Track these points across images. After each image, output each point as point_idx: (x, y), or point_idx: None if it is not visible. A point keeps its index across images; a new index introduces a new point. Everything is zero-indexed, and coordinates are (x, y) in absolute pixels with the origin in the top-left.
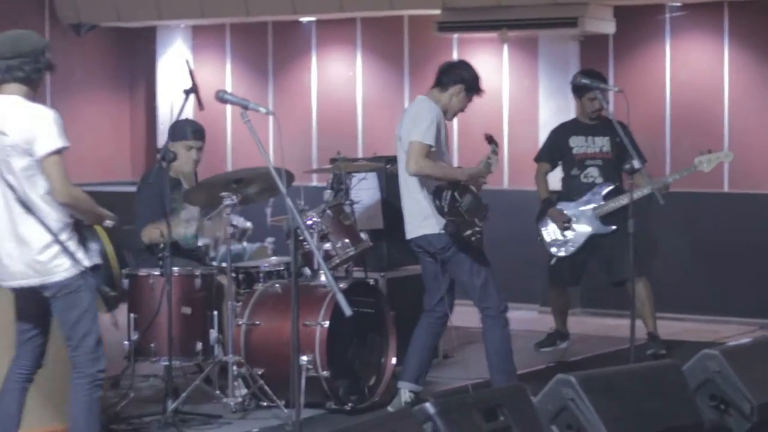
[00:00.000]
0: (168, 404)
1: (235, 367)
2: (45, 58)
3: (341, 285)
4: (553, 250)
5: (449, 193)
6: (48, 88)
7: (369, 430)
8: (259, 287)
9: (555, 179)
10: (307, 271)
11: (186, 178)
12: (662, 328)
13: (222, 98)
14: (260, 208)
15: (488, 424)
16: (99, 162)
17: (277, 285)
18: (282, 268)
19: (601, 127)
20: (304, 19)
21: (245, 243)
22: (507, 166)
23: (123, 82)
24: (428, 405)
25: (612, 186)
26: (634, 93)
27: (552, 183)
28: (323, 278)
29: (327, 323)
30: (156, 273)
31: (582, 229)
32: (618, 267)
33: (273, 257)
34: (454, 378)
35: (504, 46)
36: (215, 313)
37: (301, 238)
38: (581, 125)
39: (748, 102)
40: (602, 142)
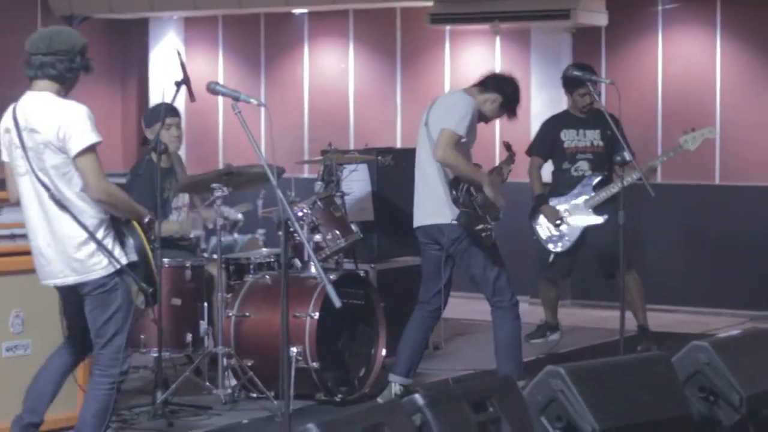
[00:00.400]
0: (158, 395)
1: (225, 359)
2: (81, 59)
3: (331, 276)
4: (550, 247)
5: (465, 186)
6: None
7: (358, 422)
8: (249, 279)
9: (546, 172)
10: (298, 263)
11: (172, 156)
12: (653, 320)
13: (213, 90)
14: (251, 200)
15: (477, 416)
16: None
17: (267, 276)
18: (272, 260)
19: (592, 120)
20: (297, 11)
21: (236, 234)
22: (497, 159)
23: (115, 74)
24: (417, 396)
25: (601, 176)
26: (627, 85)
27: (544, 176)
28: (313, 270)
29: (317, 315)
30: None
31: (576, 223)
32: (607, 259)
33: (264, 249)
34: (444, 369)
35: (496, 38)
36: (205, 305)
37: (292, 230)
38: (572, 118)
39: (740, 94)
40: (593, 136)
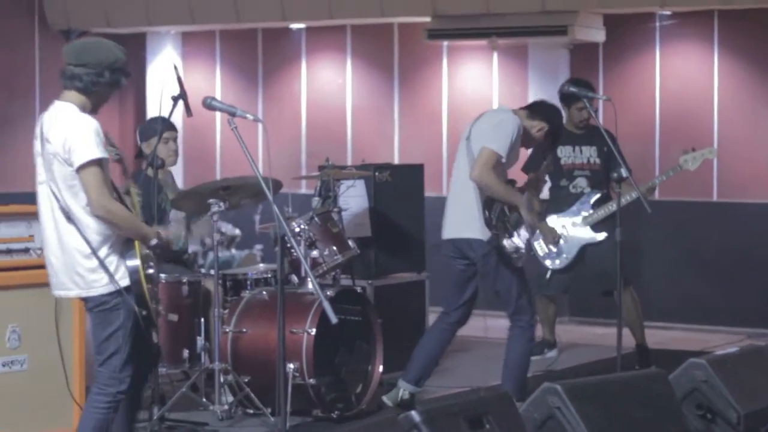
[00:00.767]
0: (154, 411)
1: (222, 375)
2: (111, 74)
3: (328, 293)
4: (548, 263)
5: (500, 207)
6: (37, 94)
7: None
8: (246, 294)
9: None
10: (295, 279)
11: (168, 171)
12: (650, 337)
13: (209, 105)
14: (249, 216)
15: None
16: None
17: (264, 292)
18: (269, 276)
19: (589, 137)
20: (294, 26)
21: (234, 250)
22: None
23: None
24: (414, 413)
25: (599, 194)
26: (624, 101)
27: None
28: (310, 286)
29: (314, 331)
30: None
31: (574, 240)
32: (605, 276)
33: (261, 264)
34: (442, 386)
35: (494, 54)
36: (202, 321)
37: (289, 246)
38: (569, 135)
39: (738, 111)
40: (590, 152)
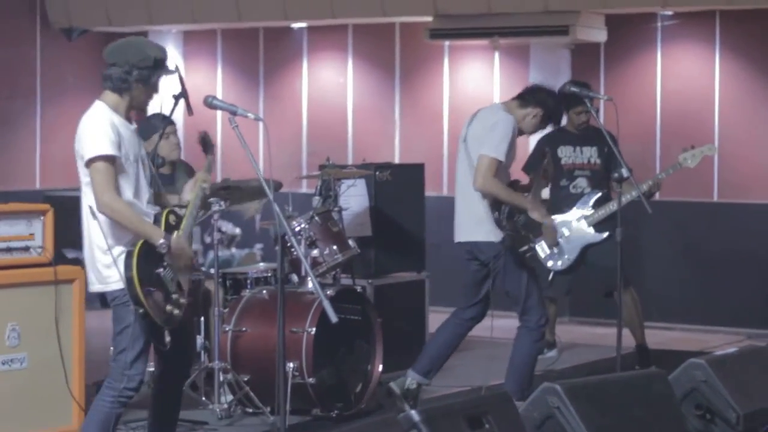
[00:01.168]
0: None
1: (222, 374)
2: (139, 72)
3: (328, 292)
4: (550, 264)
5: (507, 208)
6: (38, 93)
7: None
8: (246, 294)
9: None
10: (295, 278)
11: (173, 164)
12: (650, 337)
13: (210, 104)
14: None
15: None
16: None
17: (264, 291)
18: (269, 275)
19: (589, 137)
20: (296, 25)
21: (234, 249)
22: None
23: None
24: (413, 412)
25: (599, 194)
26: (625, 101)
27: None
28: (310, 285)
29: (314, 330)
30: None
31: (576, 241)
32: (606, 276)
33: (261, 263)
34: (444, 386)
35: (495, 54)
36: (202, 320)
37: (289, 245)
38: (569, 135)
39: (739, 111)
40: (590, 153)
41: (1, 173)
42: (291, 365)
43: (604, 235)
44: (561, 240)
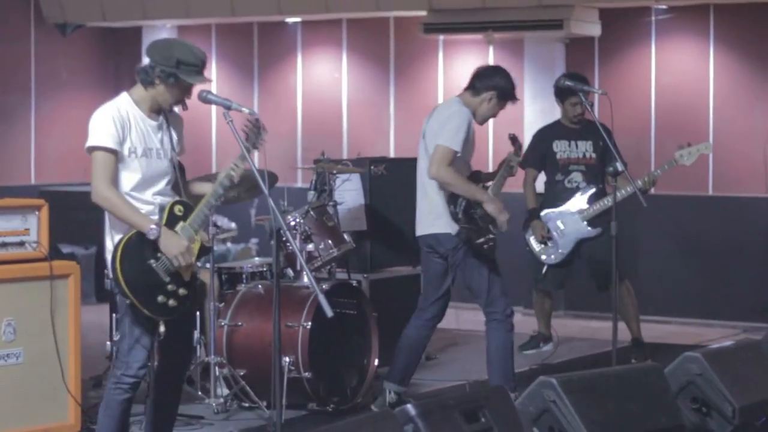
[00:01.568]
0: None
1: (217, 368)
2: (161, 69)
3: (324, 286)
4: (543, 258)
5: (464, 200)
6: (33, 88)
7: None
8: (242, 288)
9: (538, 182)
10: (290, 272)
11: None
12: (646, 331)
13: (205, 98)
14: (245, 209)
15: (469, 426)
16: (83, 162)
17: (260, 286)
18: (265, 269)
19: (584, 131)
20: (290, 20)
21: (229, 244)
22: (491, 169)
23: (108, 82)
24: (409, 406)
25: (595, 189)
26: (620, 95)
27: (537, 186)
28: (306, 279)
29: (309, 324)
30: None
31: (570, 235)
32: (601, 270)
33: (256, 258)
34: (437, 380)
35: (489, 48)
36: (198, 314)
37: (284, 239)
38: (564, 129)
39: (733, 105)
40: (585, 147)
41: None
42: (287, 360)
43: (599, 230)
44: (555, 234)
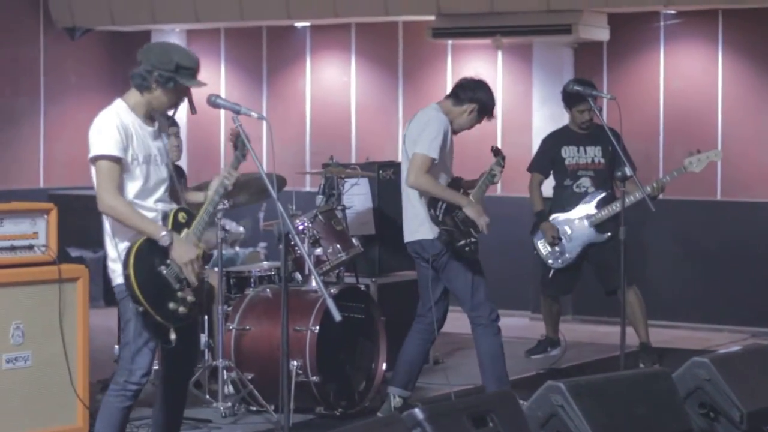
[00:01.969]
0: None
1: (225, 372)
2: (159, 73)
3: (332, 290)
4: (551, 262)
5: (444, 204)
6: (42, 92)
7: None
8: (250, 292)
9: (546, 186)
10: (298, 276)
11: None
12: (654, 336)
13: (214, 103)
14: (253, 213)
15: (477, 430)
16: None
17: (268, 290)
18: (273, 273)
19: (593, 137)
20: (299, 24)
21: (238, 248)
22: None
23: (117, 86)
24: (417, 411)
25: (604, 194)
26: (628, 100)
27: (544, 190)
28: (314, 283)
29: (317, 328)
30: None
31: (577, 240)
32: (609, 275)
33: (264, 262)
34: (444, 384)
35: (498, 53)
36: (206, 318)
37: (293, 243)
38: (573, 135)
39: (742, 110)
40: (594, 152)
41: (5, 172)
42: (295, 363)
43: (606, 235)
44: (563, 238)
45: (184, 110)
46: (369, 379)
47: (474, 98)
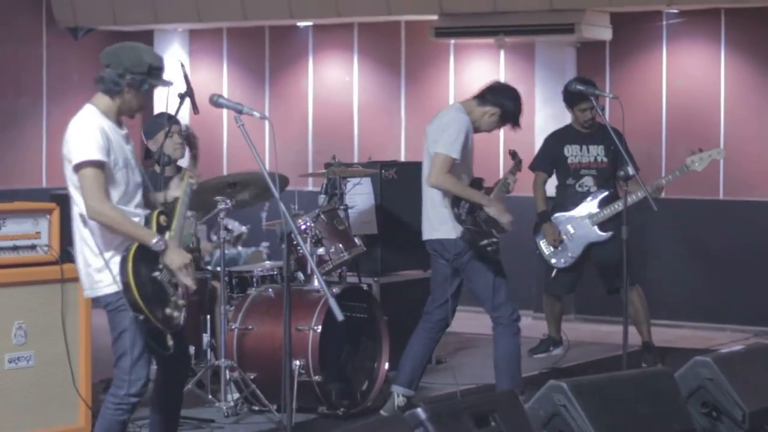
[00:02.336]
0: None
1: (228, 372)
2: (132, 76)
3: (334, 290)
4: (553, 262)
5: (468, 203)
6: (44, 92)
7: None
8: (252, 292)
9: (550, 186)
10: (301, 276)
11: (178, 167)
12: (656, 335)
13: (216, 102)
14: (256, 213)
15: (480, 430)
16: None
17: (270, 290)
18: (275, 273)
19: (596, 136)
20: (301, 24)
21: (240, 247)
22: (501, 173)
23: None
24: (419, 410)
25: (606, 193)
26: (631, 99)
27: (548, 190)
28: (316, 283)
29: (320, 328)
30: None
31: (580, 239)
32: (612, 274)
33: (267, 262)
34: (447, 384)
35: (501, 52)
36: (208, 318)
37: (295, 243)
38: (576, 134)
39: (744, 109)
40: (597, 151)
41: (8, 172)
42: (297, 363)
43: (609, 234)
44: (565, 238)
45: (187, 110)
46: (371, 379)
47: (498, 103)
